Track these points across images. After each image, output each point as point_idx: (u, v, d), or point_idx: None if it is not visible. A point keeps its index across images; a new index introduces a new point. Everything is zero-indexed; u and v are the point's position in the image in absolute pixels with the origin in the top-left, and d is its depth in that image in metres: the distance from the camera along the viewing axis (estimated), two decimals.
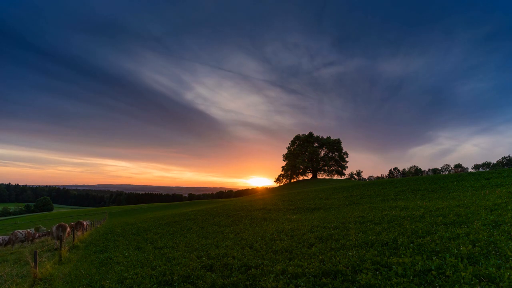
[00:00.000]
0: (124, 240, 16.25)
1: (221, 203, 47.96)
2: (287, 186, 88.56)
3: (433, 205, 12.62)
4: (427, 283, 4.79)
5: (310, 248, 8.36)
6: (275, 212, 20.06)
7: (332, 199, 23.07)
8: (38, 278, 8.98)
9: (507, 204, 10.33)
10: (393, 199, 18.70)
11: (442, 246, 6.46)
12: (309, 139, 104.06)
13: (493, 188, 16.76)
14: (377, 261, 6.18)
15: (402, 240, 7.48)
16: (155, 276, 7.64)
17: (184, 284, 6.76)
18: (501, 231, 6.85)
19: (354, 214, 13.36)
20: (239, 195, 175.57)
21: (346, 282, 5.37)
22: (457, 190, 18.42)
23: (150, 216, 35.25)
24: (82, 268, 10.18)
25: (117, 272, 8.71)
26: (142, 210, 61.22)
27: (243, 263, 7.62)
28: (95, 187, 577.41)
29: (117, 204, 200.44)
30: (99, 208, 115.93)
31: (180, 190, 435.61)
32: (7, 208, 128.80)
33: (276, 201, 27.60)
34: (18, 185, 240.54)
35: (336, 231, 10.07)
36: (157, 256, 10.34)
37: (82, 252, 13.89)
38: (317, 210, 18.76)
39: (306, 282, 5.69)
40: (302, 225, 12.44)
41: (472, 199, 12.94)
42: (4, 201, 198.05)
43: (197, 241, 12.41)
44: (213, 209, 27.05)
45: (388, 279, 5.18)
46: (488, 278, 4.55)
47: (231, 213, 21.72)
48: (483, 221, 8.15)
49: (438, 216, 9.86)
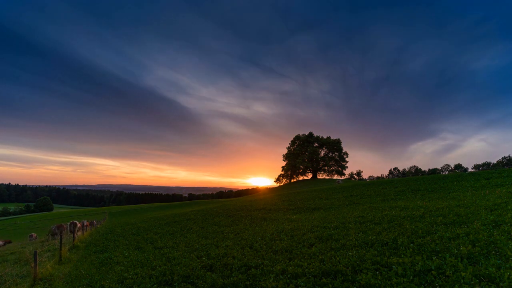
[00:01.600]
0: (124, 240, 16.25)
1: (221, 203, 47.96)
2: (287, 186, 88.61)
3: (433, 205, 12.62)
4: (427, 283, 4.80)
5: (310, 248, 8.36)
6: (275, 212, 20.06)
7: (332, 199, 23.08)
8: (38, 278, 8.98)
9: (507, 204, 10.34)
10: (393, 199, 18.71)
11: (442, 246, 6.47)
12: (309, 139, 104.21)
13: (493, 188, 16.77)
14: (377, 261, 6.18)
15: (402, 240, 7.48)
16: (155, 276, 7.64)
17: (184, 284, 6.76)
18: (501, 231, 6.85)
19: (354, 214, 13.36)
20: (239, 195, 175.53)
21: (346, 282, 5.37)
22: (457, 190, 18.42)
23: (150, 216, 35.24)
24: (82, 268, 10.18)
25: (117, 272, 8.70)
26: (142, 210, 61.21)
27: (243, 263, 7.62)
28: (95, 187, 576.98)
29: (117, 204, 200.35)
30: (99, 208, 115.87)
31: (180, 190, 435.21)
32: (7, 208, 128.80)
33: (276, 201, 27.60)
34: (18, 185, 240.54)
35: (336, 231, 10.07)
36: (157, 256, 10.34)
37: (82, 252, 13.89)
38: (317, 210, 18.77)
39: (306, 282, 5.69)
40: (302, 225, 12.44)
41: (472, 199, 12.94)
42: (4, 201, 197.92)
43: (197, 241, 12.41)
44: (213, 209, 27.05)
45: (388, 279, 5.18)
46: (488, 278, 4.56)
47: (231, 213, 21.72)
48: (483, 221, 8.15)
49: (438, 216, 9.86)
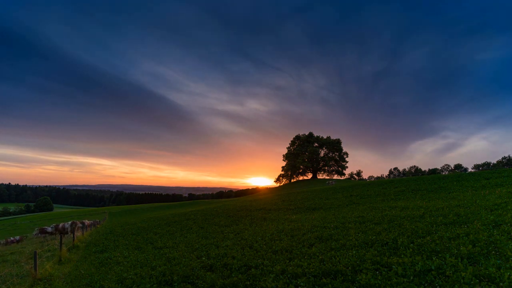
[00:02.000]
0: (124, 240, 16.24)
1: (221, 203, 47.95)
2: (287, 186, 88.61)
3: (433, 205, 12.61)
4: (427, 283, 4.79)
5: (310, 248, 8.36)
6: (275, 212, 20.06)
7: (332, 199, 23.07)
8: (38, 278, 8.97)
9: (507, 204, 10.33)
10: (393, 199, 18.70)
11: (442, 246, 6.46)
12: (309, 139, 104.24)
13: (493, 188, 16.76)
14: (377, 261, 6.18)
15: (402, 240, 7.48)
16: (155, 276, 7.63)
17: (184, 284, 6.76)
18: (501, 231, 6.85)
19: (354, 214, 13.35)
20: (239, 195, 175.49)
21: (346, 282, 5.37)
22: (457, 190, 18.42)
23: (150, 216, 35.22)
24: (82, 268, 10.17)
25: (117, 272, 8.70)
26: (142, 210, 61.17)
27: (243, 263, 7.62)
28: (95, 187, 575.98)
29: (117, 204, 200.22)
30: (99, 208, 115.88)
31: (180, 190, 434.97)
32: (7, 208, 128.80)
33: (276, 201, 27.59)
34: (18, 185, 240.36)
35: (336, 231, 10.07)
36: (157, 256, 10.33)
37: (82, 252, 13.88)
38: (317, 210, 18.76)
39: (306, 282, 5.69)
40: (302, 225, 12.43)
41: (472, 199, 12.94)
42: (4, 201, 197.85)
43: (197, 241, 12.40)
44: (213, 209, 27.05)
45: (388, 279, 5.17)
46: (488, 278, 4.55)
47: (231, 213, 21.71)
48: (483, 221, 8.15)
49: (438, 216, 9.86)
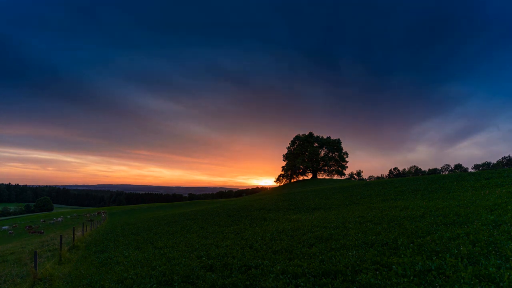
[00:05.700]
0: (124, 240, 16.24)
1: (221, 203, 47.95)
2: (287, 186, 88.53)
3: (433, 205, 12.61)
4: (427, 283, 4.79)
5: (310, 248, 8.36)
6: (275, 212, 20.05)
7: (332, 199, 23.07)
8: (38, 278, 8.97)
9: (507, 204, 10.33)
10: (393, 199, 18.70)
11: (442, 246, 6.46)
12: (309, 139, 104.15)
13: (493, 188, 16.75)
14: (377, 261, 6.18)
15: (402, 240, 7.47)
16: (155, 276, 7.63)
17: (184, 284, 6.76)
18: (501, 231, 6.85)
19: (354, 214, 13.35)
20: (239, 195, 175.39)
21: (346, 282, 5.37)
22: (457, 190, 18.41)
23: (150, 216, 35.22)
24: (82, 268, 10.17)
25: (117, 272, 8.70)
26: (142, 210, 61.16)
27: (243, 263, 7.62)
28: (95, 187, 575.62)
29: (117, 204, 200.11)
30: (99, 208, 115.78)
31: (180, 190, 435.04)
32: (7, 208, 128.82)
33: (276, 201, 27.59)
34: (18, 185, 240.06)
35: (336, 231, 10.06)
36: (157, 256, 10.33)
37: (82, 252, 13.88)
38: (317, 210, 18.76)
39: (306, 282, 5.69)
40: (302, 225, 12.43)
41: (472, 199, 12.93)
42: (4, 201, 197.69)
43: (197, 241, 12.41)
44: (213, 209, 27.05)
45: (388, 279, 5.17)
46: (488, 278, 4.55)
47: (231, 213, 21.71)
48: (483, 221, 8.15)
49: (438, 216, 9.86)
